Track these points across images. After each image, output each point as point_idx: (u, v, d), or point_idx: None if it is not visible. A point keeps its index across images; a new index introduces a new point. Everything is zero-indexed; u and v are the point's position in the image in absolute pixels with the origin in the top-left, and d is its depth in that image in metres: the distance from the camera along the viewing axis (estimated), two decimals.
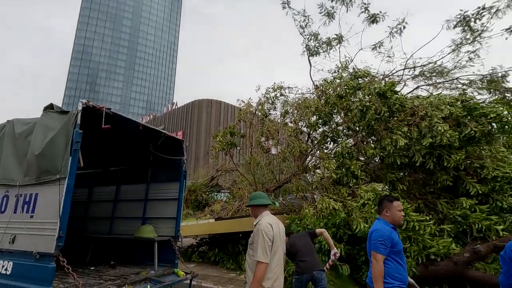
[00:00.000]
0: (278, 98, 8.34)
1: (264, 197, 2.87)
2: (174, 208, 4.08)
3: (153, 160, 4.45)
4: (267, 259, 2.49)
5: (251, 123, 8.44)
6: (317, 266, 3.46)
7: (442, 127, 5.46)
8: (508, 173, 5.48)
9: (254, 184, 8.32)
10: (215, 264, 6.46)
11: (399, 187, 6.16)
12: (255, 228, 2.64)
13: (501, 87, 9.54)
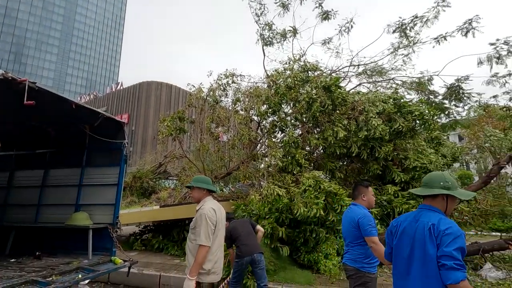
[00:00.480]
0: (230, 85, 8.28)
1: (210, 182, 2.88)
2: (112, 194, 3.84)
3: (90, 143, 4.09)
4: (209, 243, 2.55)
5: (201, 109, 8.27)
6: (257, 249, 3.61)
7: (376, 121, 6.05)
8: (425, 163, 6.34)
9: (203, 171, 8.24)
10: (159, 251, 6.32)
11: (337, 175, 6.71)
12: (198, 212, 2.65)
13: (426, 89, 10.88)
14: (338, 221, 5.23)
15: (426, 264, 1.66)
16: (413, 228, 1.79)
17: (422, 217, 1.79)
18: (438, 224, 1.67)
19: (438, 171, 2.02)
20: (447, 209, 1.82)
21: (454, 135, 23.69)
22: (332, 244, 5.07)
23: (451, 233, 1.62)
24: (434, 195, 1.82)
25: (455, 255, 1.56)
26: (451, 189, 1.79)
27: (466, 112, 11.11)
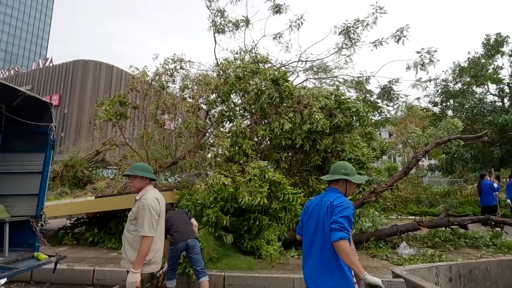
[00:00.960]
0: (178, 71, 7.94)
1: (152, 170, 2.77)
2: (36, 183, 3.42)
3: (6, 125, 3.55)
4: (153, 233, 2.48)
5: (146, 94, 7.77)
6: (191, 234, 3.64)
7: (318, 115, 6.44)
8: (358, 156, 7.00)
9: (147, 160, 7.81)
10: (93, 245, 5.87)
11: (282, 165, 7.01)
12: (140, 202, 2.54)
13: (364, 89, 11.91)
14: (281, 209, 5.51)
15: (324, 235, 1.98)
16: (319, 207, 2.11)
17: (326, 197, 2.14)
18: (333, 201, 2.02)
19: (343, 161, 2.39)
20: (346, 191, 2.18)
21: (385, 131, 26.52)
22: (274, 230, 5.32)
23: (340, 205, 1.95)
24: (337, 179, 2.17)
25: (340, 221, 1.86)
26: (349, 175, 2.16)
27: (395, 111, 12.52)
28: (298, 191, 5.69)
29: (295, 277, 4.22)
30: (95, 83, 29.10)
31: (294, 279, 4.21)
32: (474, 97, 11.64)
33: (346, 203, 1.97)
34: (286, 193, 5.37)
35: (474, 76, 11.70)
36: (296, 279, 4.19)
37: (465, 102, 11.31)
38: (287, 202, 5.46)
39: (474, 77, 11.73)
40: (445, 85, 12.37)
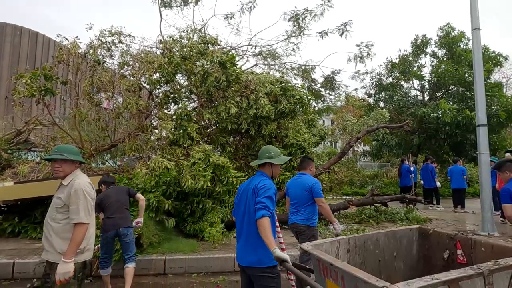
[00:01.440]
0: (116, 45, 7.24)
1: (79, 153, 2.55)
2: None
3: None
4: (89, 220, 2.33)
5: (78, 69, 6.97)
6: (124, 223, 3.43)
7: (264, 101, 6.59)
8: (300, 141, 7.43)
9: (80, 142, 7.12)
10: (13, 236, 5.25)
11: (227, 149, 7.07)
12: (72, 188, 2.32)
13: (309, 77, 12.45)
14: (224, 192, 5.60)
15: (250, 215, 2.14)
16: (247, 189, 2.25)
17: (253, 181, 2.28)
18: (258, 183, 2.18)
19: (267, 145, 2.52)
20: (273, 172, 2.34)
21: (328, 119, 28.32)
22: (217, 213, 5.41)
23: (263, 187, 2.13)
24: (263, 163, 2.31)
25: (263, 201, 2.04)
26: (273, 158, 2.31)
27: (336, 100, 13.44)
28: (242, 174, 5.83)
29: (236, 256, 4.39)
30: (13, 51, 24.86)
31: (235, 258, 4.38)
32: (401, 90, 13.11)
33: (268, 185, 2.14)
34: (230, 177, 5.46)
35: (402, 72, 13.13)
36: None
37: (394, 95, 12.69)
38: (231, 185, 5.57)
39: (402, 73, 13.17)
40: (379, 79, 13.66)
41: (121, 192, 3.62)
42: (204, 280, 4.03)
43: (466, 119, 10.09)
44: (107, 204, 3.41)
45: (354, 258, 2.09)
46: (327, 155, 17.53)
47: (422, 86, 13.40)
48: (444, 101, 10.61)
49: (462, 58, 11.51)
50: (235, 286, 3.83)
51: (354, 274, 1.36)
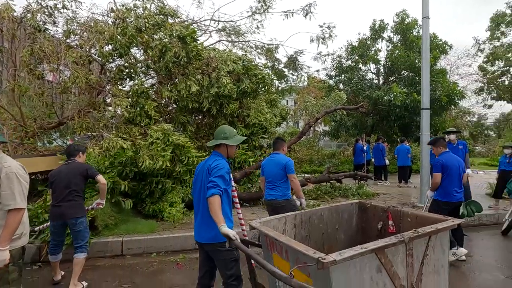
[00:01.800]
0: (59, 10, 6.47)
1: None
2: None
3: None
4: (26, 204, 2.19)
5: (13, 35, 6.15)
6: (73, 213, 3.12)
7: (226, 80, 6.48)
8: (262, 121, 7.52)
9: (22, 120, 6.44)
10: None
11: (188, 128, 6.93)
12: (1, 172, 2.14)
13: (273, 57, 12.39)
14: (185, 172, 5.56)
15: (205, 194, 2.18)
16: (203, 169, 2.31)
17: (208, 161, 2.34)
18: (212, 164, 2.24)
19: (223, 125, 2.55)
20: (228, 152, 2.38)
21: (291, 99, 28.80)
22: (178, 193, 5.39)
23: (216, 167, 2.19)
24: (219, 144, 2.35)
25: (214, 180, 2.12)
26: (228, 139, 2.34)
27: (298, 81, 13.66)
28: (203, 154, 5.81)
29: None
30: None
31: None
32: (359, 73, 13.71)
33: (221, 165, 2.21)
34: (190, 157, 5.41)
35: (361, 55, 13.68)
36: None
37: (352, 77, 13.24)
38: (192, 165, 5.53)
39: (361, 56, 13.72)
40: (339, 61, 14.09)
41: (74, 174, 3.17)
42: (164, 259, 4.07)
43: (414, 102, 10.95)
44: (55, 187, 3.10)
45: (300, 232, 2.27)
46: (290, 134, 18.01)
47: (378, 70, 14.13)
48: (396, 85, 11.36)
49: (414, 44, 12.27)
50: (195, 263, 3.93)
51: (295, 247, 1.49)
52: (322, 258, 1.30)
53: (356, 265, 1.44)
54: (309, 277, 1.52)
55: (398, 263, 1.59)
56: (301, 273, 1.58)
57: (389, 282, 1.55)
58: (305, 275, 1.55)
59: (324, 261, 1.28)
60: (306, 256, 1.41)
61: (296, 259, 1.55)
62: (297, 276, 1.60)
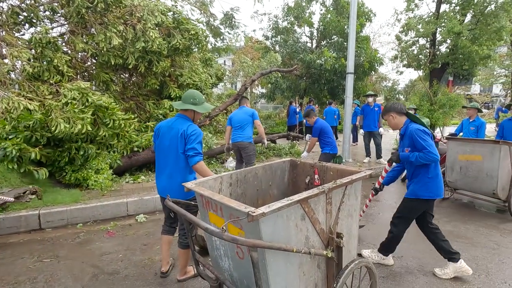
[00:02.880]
0: None
1: None
2: None
3: None
4: None
5: None
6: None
7: (154, 33, 5.82)
8: (197, 82, 7.16)
9: None
10: None
11: (112, 88, 6.20)
12: None
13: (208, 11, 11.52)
14: (111, 136, 5.07)
15: (178, 156, 2.37)
16: (170, 129, 2.40)
17: (177, 123, 2.41)
18: (187, 129, 2.35)
19: (192, 90, 2.55)
20: (194, 118, 2.51)
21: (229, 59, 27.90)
22: (104, 159, 4.93)
23: (194, 134, 2.35)
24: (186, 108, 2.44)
25: (195, 147, 2.33)
26: (197, 105, 2.44)
27: (235, 40, 13.20)
28: (131, 116, 5.35)
29: (129, 200, 4.26)
30: None
31: (128, 203, 4.25)
32: (294, 36, 13.87)
33: (197, 131, 2.38)
34: (116, 119, 4.91)
35: (296, 17, 13.73)
36: (130, 203, 4.25)
37: (288, 39, 13.35)
38: (119, 128, 5.06)
39: (296, 18, 13.78)
40: (275, 21, 13.93)
41: None
42: (92, 228, 3.81)
43: (341, 67, 11.75)
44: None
45: (236, 190, 2.34)
46: (227, 96, 17.79)
47: (312, 33, 14.50)
48: (327, 49, 11.93)
49: (344, 10, 12.80)
50: (128, 229, 3.80)
51: (228, 204, 1.53)
52: (252, 212, 1.36)
53: (283, 215, 1.56)
54: (241, 229, 1.60)
55: (319, 211, 1.78)
56: (234, 227, 1.65)
57: (311, 227, 1.74)
58: (238, 228, 1.63)
59: (254, 214, 1.35)
60: (238, 211, 1.46)
61: (230, 215, 1.61)
62: (231, 230, 1.68)
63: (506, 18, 8.20)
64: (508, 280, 2.61)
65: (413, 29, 9.31)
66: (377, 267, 2.82)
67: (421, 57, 9.69)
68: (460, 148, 4.17)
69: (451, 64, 9.00)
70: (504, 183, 3.85)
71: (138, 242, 3.40)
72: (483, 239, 3.46)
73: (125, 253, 3.11)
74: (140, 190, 4.74)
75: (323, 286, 1.88)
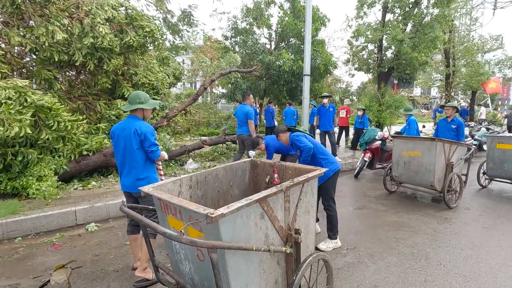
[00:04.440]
0: None
1: None
2: None
3: None
4: None
5: None
6: None
7: (104, 29, 5.46)
8: (153, 81, 6.87)
9: None
10: None
11: (57, 86, 5.66)
12: None
13: (165, 7, 11.11)
14: (56, 139, 4.64)
15: (133, 153, 2.54)
16: (124, 130, 2.55)
17: (129, 124, 2.56)
18: (140, 127, 2.53)
19: (136, 91, 2.71)
20: (144, 115, 2.67)
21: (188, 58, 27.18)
22: (47, 164, 4.48)
23: (148, 132, 2.55)
24: (136, 108, 2.60)
25: (154, 143, 2.59)
26: (144, 103, 2.61)
27: (193, 38, 12.88)
28: (79, 117, 4.95)
29: (77, 209, 3.93)
30: None
31: (76, 211, 3.92)
32: (253, 37, 14.00)
33: (150, 129, 2.59)
34: (61, 121, 4.50)
35: (255, 18, 13.87)
36: (79, 211, 3.93)
37: (247, 40, 13.43)
38: (65, 130, 4.64)
39: (255, 19, 13.93)
40: (234, 21, 13.92)
41: None
42: (34, 242, 3.44)
43: (299, 68, 12.14)
44: None
45: (196, 192, 2.30)
46: (186, 96, 17.32)
47: (270, 35, 14.78)
48: (285, 51, 12.24)
49: (300, 14, 13.26)
50: (77, 239, 3.51)
51: (186, 206, 1.50)
52: (210, 214, 1.35)
53: (242, 215, 1.57)
54: (201, 231, 1.58)
55: (278, 209, 1.83)
56: (194, 230, 1.63)
57: (270, 225, 1.78)
58: (198, 231, 1.60)
59: (213, 216, 1.34)
60: (197, 214, 1.44)
61: (189, 217, 1.58)
62: (191, 233, 1.65)
63: (439, 29, 9.22)
64: (443, 261, 2.94)
65: (362, 35, 10.00)
66: (333, 259, 2.98)
67: (370, 61, 10.47)
68: (404, 145, 4.60)
69: (396, 68, 9.86)
70: (440, 176, 4.33)
71: (89, 253, 3.15)
72: (423, 226, 3.85)
73: (73, 267, 2.86)
74: (91, 197, 4.40)
75: (283, 281, 1.94)
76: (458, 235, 3.58)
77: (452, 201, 4.55)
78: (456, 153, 4.43)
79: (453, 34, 15.01)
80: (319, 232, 3.61)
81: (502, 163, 5.22)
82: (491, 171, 5.43)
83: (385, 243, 3.37)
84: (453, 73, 15.23)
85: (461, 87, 16.76)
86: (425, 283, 2.57)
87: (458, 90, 18.28)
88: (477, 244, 3.33)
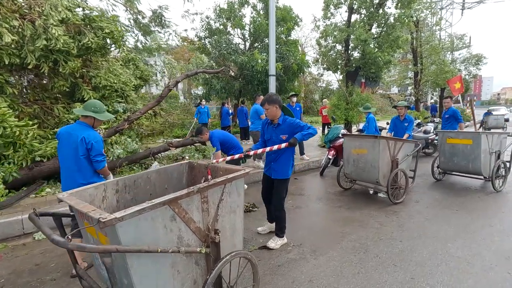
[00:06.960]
0: None
1: None
2: None
3: None
4: None
5: None
6: None
7: (57, 30, 5.30)
8: (115, 83, 6.74)
9: None
10: None
11: (8, 91, 5.45)
12: None
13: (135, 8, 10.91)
14: (5, 146, 4.48)
15: (77, 160, 2.61)
16: (70, 135, 2.60)
17: (78, 130, 2.63)
18: (88, 136, 2.60)
19: (94, 100, 2.87)
20: (94, 125, 2.75)
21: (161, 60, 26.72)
22: None
23: (97, 142, 2.63)
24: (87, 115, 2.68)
25: (100, 152, 2.64)
26: (98, 113, 2.70)
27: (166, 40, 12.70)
28: (28, 122, 4.80)
29: (25, 217, 3.81)
30: None
31: (23, 220, 3.80)
32: (227, 37, 13.98)
33: (98, 138, 2.64)
34: (9, 126, 4.35)
35: (228, 18, 13.86)
36: (26, 219, 3.81)
37: (221, 41, 13.39)
38: (14, 137, 4.49)
39: (228, 19, 13.91)
40: (208, 22, 13.85)
41: None
42: None
43: None
44: None
45: (124, 196, 2.30)
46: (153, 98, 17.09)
47: (244, 35, 14.81)
48: (257, 52, 12.31)
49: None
50: (22, 249, 3.41)
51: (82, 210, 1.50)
52: (103, 218, 1.37)
53: (147, 218, 1.59)
54: (106, 236, 1.59)
55: (194, 210, 1.87)
56: (102, 235, 1.63)
57: (185, 227, 1.81)
58: (104, 235, 1.61)
59: (104, 220, 1.36)
60: (91, 218, 1.45)
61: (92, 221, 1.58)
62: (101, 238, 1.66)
63: (401, 29, 9.57)
64: (380, 254, 3.08)
65: (330, 36, 10.21)
66: (276, 256, 3.05)
67: (339, 61, 10.71)
68: (352, 143, 4.76)
69: (362, 67, 10.13)
70: (385, 172, 4.51)
71: (30, 262, 3.08)
72: (371, 220, 4.01)
73: (9, 277, 2.79)
74: (42, 204, 4.28)
75: (203, 281, 1.98)
76: (401, 228, 3.75)
77: (399, 196, 4.66)
78: (402, 150, 4.62)
79: (419, 33, 15.62)
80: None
81: (452, 157, 5.50)
82: (443, 164, 5.70)
83: (330, 238, 3.48)
84: (421, 71, 15.84)
85: (429, 85, 17.46)
86: (357, 275, 2.69)
87: (427, 87, 19.05)
88: (415, 235, 3.51)
